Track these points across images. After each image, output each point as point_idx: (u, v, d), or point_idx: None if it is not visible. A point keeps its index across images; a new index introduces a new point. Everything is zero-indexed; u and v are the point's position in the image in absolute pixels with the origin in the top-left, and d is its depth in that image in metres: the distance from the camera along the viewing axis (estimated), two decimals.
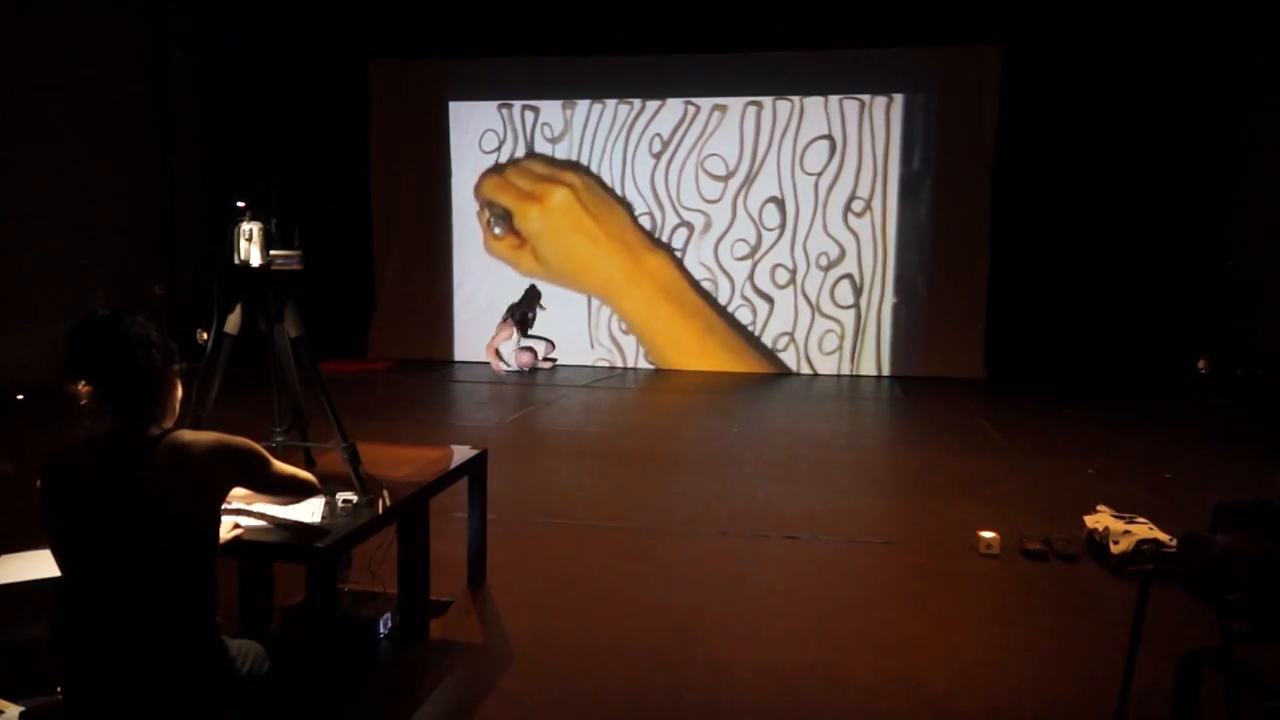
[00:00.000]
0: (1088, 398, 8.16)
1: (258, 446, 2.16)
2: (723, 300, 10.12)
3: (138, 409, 1.98)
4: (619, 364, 10.26)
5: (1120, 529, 4.05)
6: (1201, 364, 8.40)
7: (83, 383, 2.00)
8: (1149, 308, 9.17)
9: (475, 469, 3.58)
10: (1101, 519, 4.21)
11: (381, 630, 3.10)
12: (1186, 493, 5.15)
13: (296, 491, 2.35)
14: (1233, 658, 2.25)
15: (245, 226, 2.76)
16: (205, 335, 2.88)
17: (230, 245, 2.78)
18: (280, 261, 2.81)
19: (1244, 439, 6.58)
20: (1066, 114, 9.20)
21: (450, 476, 3.33)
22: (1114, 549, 3.99)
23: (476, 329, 10.46)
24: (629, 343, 10.27)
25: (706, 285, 10.11)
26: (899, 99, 9.66)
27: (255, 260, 2.77)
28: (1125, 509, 4.41)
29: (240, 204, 2.76)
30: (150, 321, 2.02)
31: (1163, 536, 4.00)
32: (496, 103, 10.32)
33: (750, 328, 10.07)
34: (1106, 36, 9.05)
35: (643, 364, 10.24)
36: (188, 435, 2.01)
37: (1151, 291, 9.18)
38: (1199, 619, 2.36)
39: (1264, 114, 7.97)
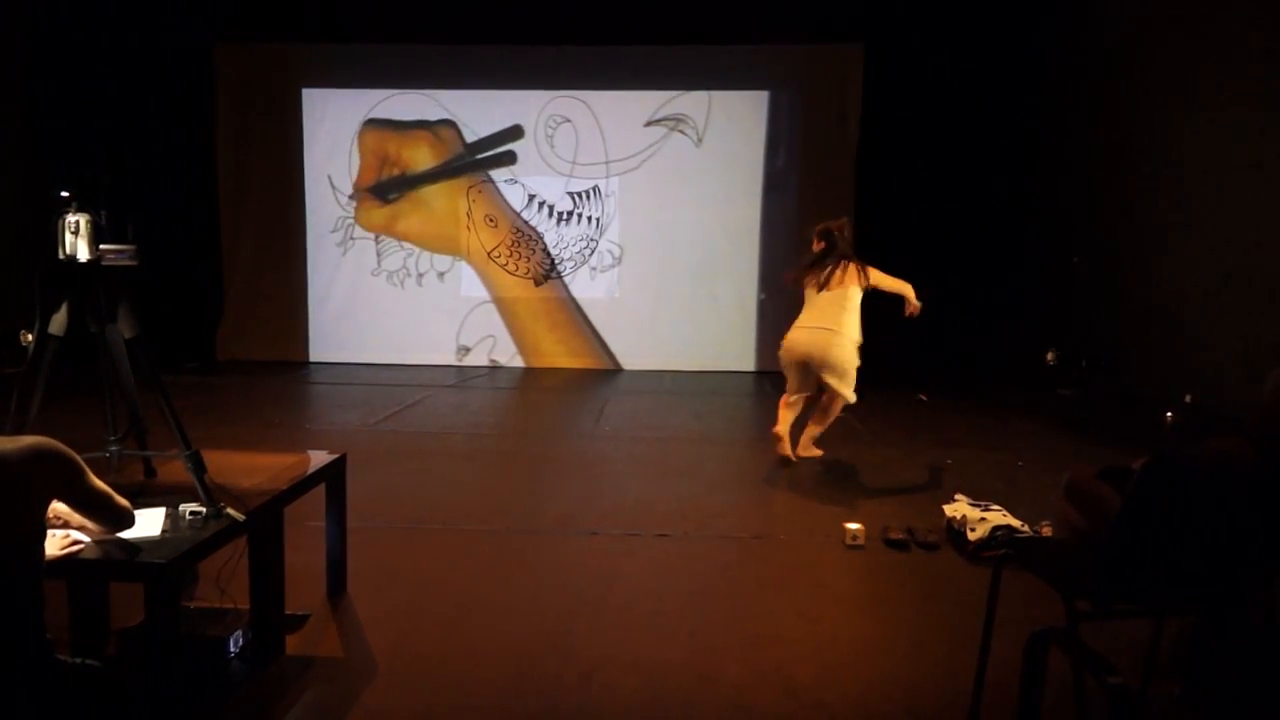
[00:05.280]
0: (946, 390, 8.50)
1: (75, 454, 1.99)
2: (591, 295, 10.08)
3: None
4: (485, 362, 10.10)
5: (976, 516, 4.22)
6: (1050, 355, 8.90)
7: None
8: (1002, 302, 9.64)
9: (333, 474, 3.43)
10: (959, 507, 4.38)
11: (232, 649, 2.93)
12: (1037, 479, 5.41)
13: (110, 514, 2.17)
14: (1077, 637, 2.35)
15: (71, 218, 2.55)
16: (29, 336, 2.66)
17: (54, 239, 2.56)
18: (112, 256, 2.61)
19: (1090, 427, 6.98)
20: (924, 111, 9.57)
21: (306, 483, 3.16)
22: (971, 536, 4.15)
23: (333, 328, 10.11)
24: (500, 339, 10.12)
25: (570, 279, 10.04)
26: (764, 95, 9.84)
27: (83, 255, 2.57)
28: (981, 497, 4.60)
29: (64, 194, 2.54)
30: None
31: (1015, 522, 4.19)
32: (353, 90, 9.97)
33: (619, 324, 10.07)
34: (964, 35, 9.48)
35: (515, 362, 10.11)
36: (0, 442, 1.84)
37: (1004, 286, 9.66)
38: (1049, 601, 2.46)
39: (1110, 110, 8.50)
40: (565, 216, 10.04)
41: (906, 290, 5.67)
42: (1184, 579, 2.35)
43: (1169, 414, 6.79)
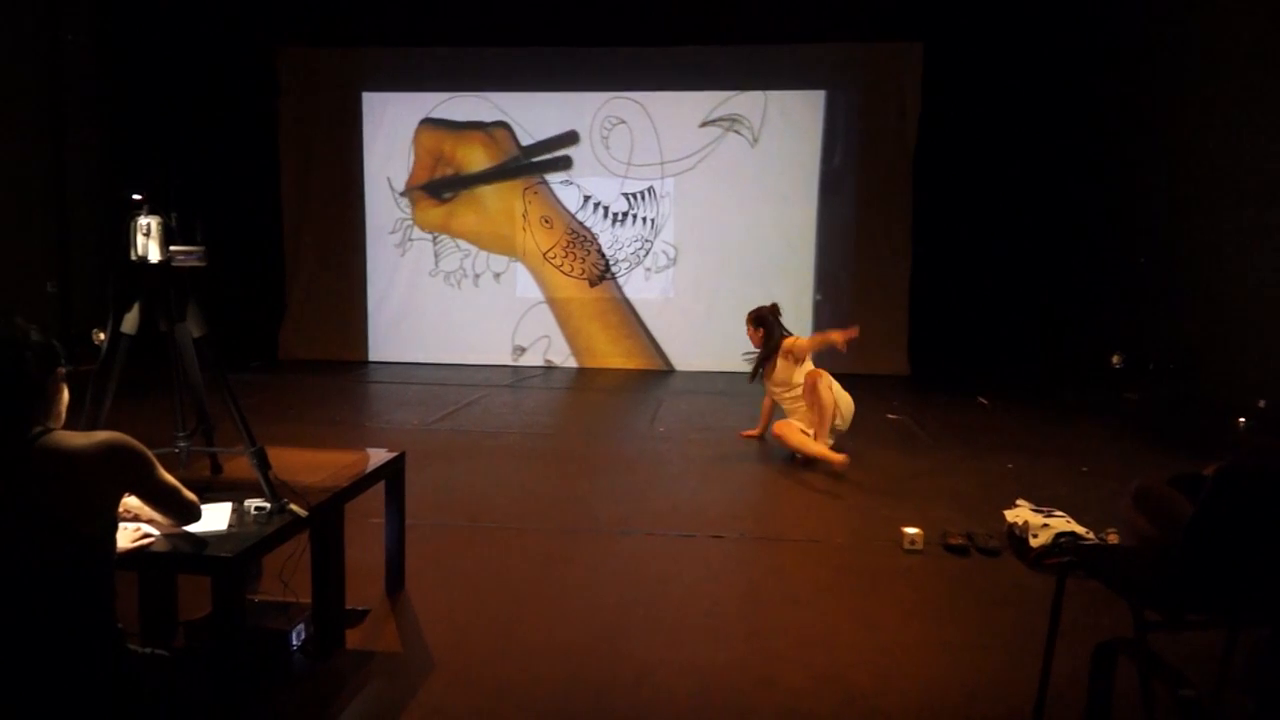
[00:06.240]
0: (1008, 394, 8.35)
1: (146, 449, 2.04)
2: (645, 296, 10.09)
3: (15, 414, 1.85)
4: (540, 362, 10.16)
5: (1039, 522, 4.13)
6: (1116, 359, 8.68)
7: None
8: (1066, 304, 9.43)
9: (393, 472, 3.47)
10: (1021, 513, 4.29)
11: (294, 642, 2.98)
12: (1102, 485, 5.28)
13: (179, 508, 2.22)
14: (1145, 647, 2.28)
15: (143, 221, 2.62)
16: (102, 335, 2.74)
17: (127, 240, 2.64)
18: (181, 257, 2.68)
19: (1156, 432, 6.80)
20: (987, 111, 9.40)
21: (366, 480, 3.21)
22: (1033, 542, 4.06)
23: (391, 328, 10.26)
24: (555, 340, 10.18)
25: (624, 280, 10.06)
26: (821, 95, 9.76)
27: (154, 256, 2.64)
28: (1044, 503, 4.51)
29: (136, 197, 2.61)
30: (30, 321, 1.89)
31: (1080, 529, 4.09)
32: (412, 94, 10.10)
33: (673, 325, 10.06)
34: (1026, 34, 9.28)
35: (569, 363, 10.16)
36: (72, 437, 1.90)
37: (1069, 287, 9.45)
38: (1115, 610, 2.39)
39: (1177, 111, 8.27)
40: (620, 217, 10.07)
41: (827, 339, 5.97)
42: (1258, 588, 2.27)
43: (1242, 420, 6.58)
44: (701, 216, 9.95)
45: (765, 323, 6.12)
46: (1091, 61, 9.25)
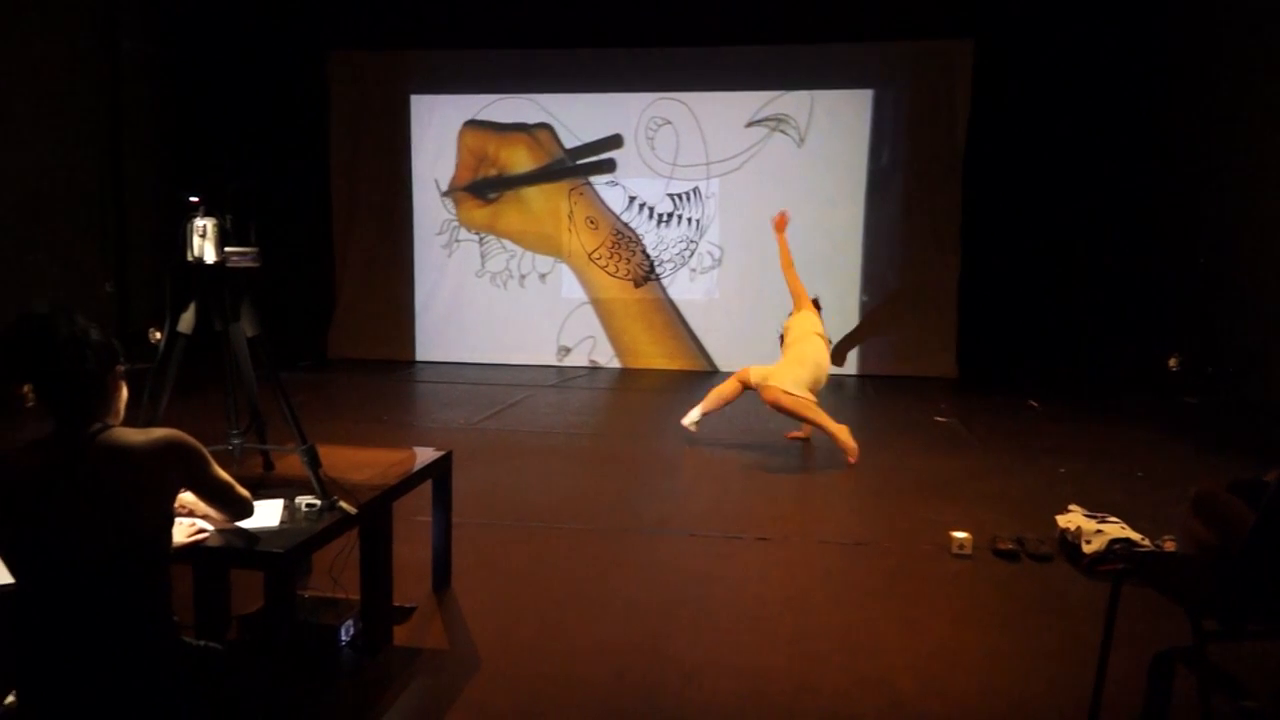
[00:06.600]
0: (1060, 397, 8.19)
1: (202, 446, 2.08)
2: (690, 297, 10.07)
3: (76, 411, 1.90)
4: (585, 363, 10.19)
5: (1092, 529, 4.05)
6: (1173, 361, 8.47)
7: (26, 385, 1.93)
8: (1121, 305, 9.24)
9: (440, 471, 3.50)
10: (1073, 518, 4.21)
11: (343, 637, 3.02)
12: (1158, 491, 5.17)
13: (233, 504, 2.26)
14: (1205, 657, 2.23)
15: (199, 222, 2.67)
16: (158, 334, 2.80)
17: (183, 242, 2.69)
18: (236, 258, 2.73)
19: (1216, 436, 6.63)
20: (1038, 109, 9.22)
21: (414, 479, 3.25)
22: (1086, 549, 3.98)
23: (438, 328, 10.36)
24: (600, 340, 10.21)
25: (669, 280, 10.05)
26: (868, 94, 9.67)
27: (210, 257, 2.69)
28: (1097, 508, 4.41)
29: (193, 199, 2.67)
30: (90, 320, 1.94)
31: (1135, 536, 4.00)
32: (458, 95, 10.20)
33: (717, 326, 10.03)
34: (1078, 30, 9.11)
35: (614, 363, 10.18)
36: (130, 434, 1.94)
37: (1123, 288, 9.25)
38: (1172, 618, 2.34)
39: (1236, 108, 8.06)
40: (665, 218, 10.06)
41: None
42: None
43: None
44: (747, 217, 9.89)
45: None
46: (1149, 58, 9.04)
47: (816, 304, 6.45)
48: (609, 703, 2.84)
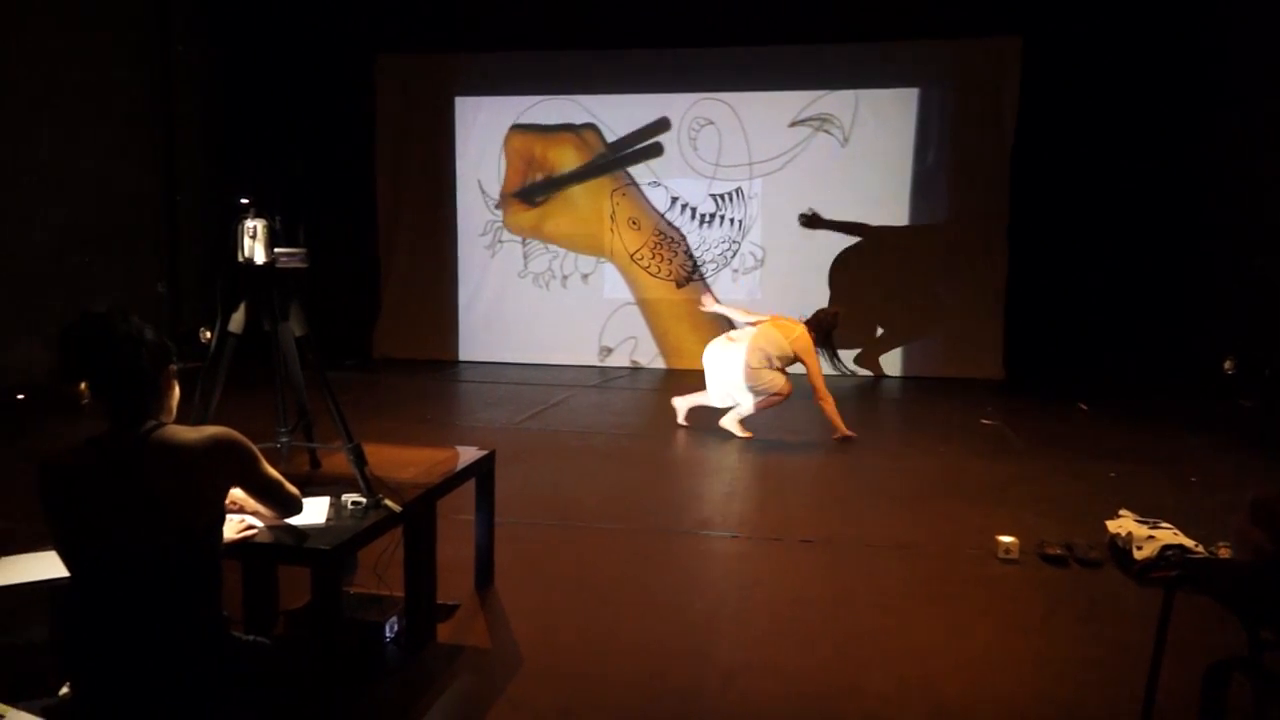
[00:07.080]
0: (1110, 399, 8.04)
1: (252, 444, 2.12)
2: (733, 297, 10.03)
3: (131, 408, 1.94)
4: (627, 363, 10.20)
5: (1144, 534, 3.96)
6: (1228, 364, 8.27)
7: (83, 382, 1.98)
8: (1173, 306, 9.04)
9: (483, 470, 3.53)
10: (1124, 524, 4.12)
11: (388, 634, 3.06)
12: (1212, 497, 5.05)
13: (282, 501, 2.29)
14: (1263, 668, 2.17)
15: (249, 224, 2.72)
16: (209, 334, 2.85)
17: (234, 243, 2.74)
18: (285, 259, 2.77)
19: (1273, 441, 6.46)
20: (1087, 107, 9.07)
21: (457, 478, 3.27)
22: (1137, 555, 3.90)
23: (481, 328, 10.45)
24: (642, 341, 10.21)
25: (711, 281, 10.02)
26: (914, 93, 9.56)
27: (259, 258, 2.73)
28: (1149, 513, 4.32)
29: (244, 201, 2.72)
30: (144, 320, 1.98)
31: (1188, 542, 3.91)
32: (502, 97, 10.26)
33: None
34: (1128, 27, 8.93)
35: (656, 364, 10.18)
36: (183, 431, 1.98)
37: (1176, 289, 9.05)
38: (1226, 627, 2.28)
39: None
40: (708, 219, 10.04)
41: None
42: None
43: None
44: (790, 218, 9.86)
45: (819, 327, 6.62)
46: (1202, 54, 8.84)
47: (832, 319, 6.67)
48: (649, 703, 2.84)
